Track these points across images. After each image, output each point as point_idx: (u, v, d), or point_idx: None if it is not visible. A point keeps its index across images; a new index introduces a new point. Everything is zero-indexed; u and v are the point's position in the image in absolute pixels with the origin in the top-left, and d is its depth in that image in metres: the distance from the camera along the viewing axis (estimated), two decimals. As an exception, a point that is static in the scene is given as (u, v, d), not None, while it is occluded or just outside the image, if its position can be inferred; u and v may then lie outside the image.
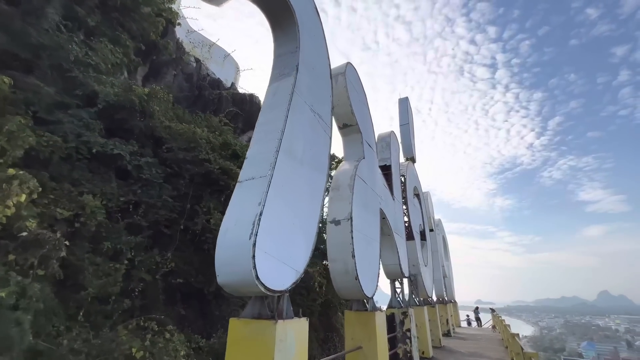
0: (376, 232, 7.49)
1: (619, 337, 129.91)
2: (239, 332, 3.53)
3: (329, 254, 5.96)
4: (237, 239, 3.39)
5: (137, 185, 7.27)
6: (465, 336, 17.28)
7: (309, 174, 4.76)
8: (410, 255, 11.94)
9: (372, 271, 6.61)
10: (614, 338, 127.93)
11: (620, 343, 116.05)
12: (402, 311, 9.09)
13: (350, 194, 6.28)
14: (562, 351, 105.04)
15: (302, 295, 13.57)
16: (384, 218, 8.67)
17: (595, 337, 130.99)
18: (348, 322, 6.36)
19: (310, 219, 4.52)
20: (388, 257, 9.15)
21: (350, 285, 5.80)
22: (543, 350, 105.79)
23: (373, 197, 7.78)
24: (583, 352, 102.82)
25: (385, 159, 10.98)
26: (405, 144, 17.05)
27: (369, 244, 6.75)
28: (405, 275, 9.39)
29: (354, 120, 7.63)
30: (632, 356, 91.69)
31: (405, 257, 9.98)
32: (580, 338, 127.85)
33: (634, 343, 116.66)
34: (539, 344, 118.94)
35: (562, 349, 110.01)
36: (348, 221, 5.96)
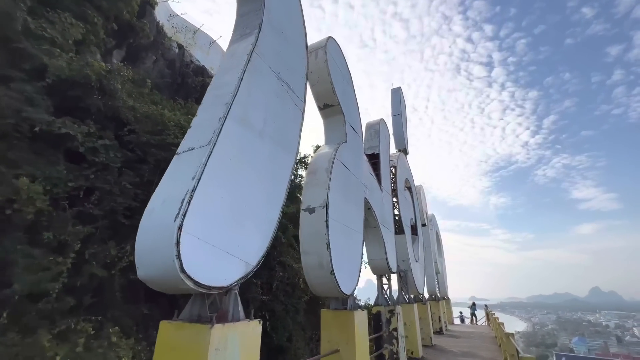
0: (359, 223, 6.80)
1: (609, 332, 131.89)
2: (168, 338, 2.82)
3: (302, 245, 5.26)
4: (161, 220, 2.66)
5: (91, 169, 6.46)
6: (457, 334, 16.78)
7: (271, 150, 4.04)
8: (399, 250, 11.29)
9: (352, 266, 5.93)
10: (604, 333, 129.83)
11: (611, 338, 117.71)
12: (388, 309, 8.45)
13: (328, 178, 5.57)
14: (554, 346, 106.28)
15: (287, 293, 12.92)
16: (369, 209, 7.98)
17: (587, 332, 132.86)
18: (324, 322, 5.69)
19: (270, 203, 3.80)
20: (374, 251, 8.48)
21: (325, 281, 5.11)
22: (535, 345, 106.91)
23: (356, 185, 7.09)
24: (574, 347, 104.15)
25: (373, 147, 10.29)
26: (397, 135, 16.38)
27: (349, 235, 6.06)
28: (392, 270, 8.74)
29: (335, 100, 6.90)
30: (621, 351, 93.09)
31: (393, 252, 9.34)
32: (572, 333, 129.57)
33: (623, 338, 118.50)
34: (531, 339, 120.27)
35: (554, 345, 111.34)
36: (323, 209, 5.25)
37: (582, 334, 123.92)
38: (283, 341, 11.90)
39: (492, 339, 14.71)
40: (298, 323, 13.29)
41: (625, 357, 70.85)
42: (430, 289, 17.79)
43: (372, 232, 8.44)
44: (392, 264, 8.81)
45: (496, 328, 12.84)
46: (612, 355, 75.68)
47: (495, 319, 13.29)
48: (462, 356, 10.57)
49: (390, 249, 8.98)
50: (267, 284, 12.73)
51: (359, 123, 8.14)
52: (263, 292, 12.37)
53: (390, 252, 8.78)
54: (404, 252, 11.31)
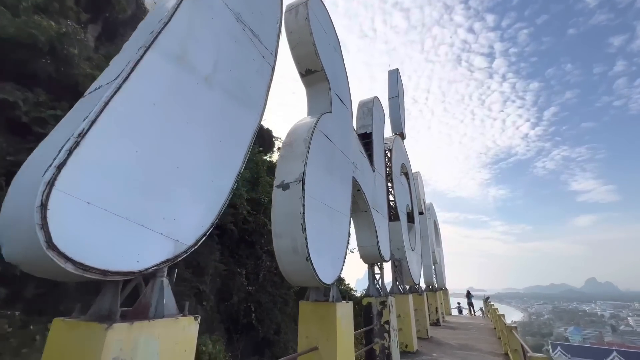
0: (345, 205, 6.01)
1: (604, 322, 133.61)
2: (58, 339, 2.05)
3: (274, 227, 4.47)
4: (30, 176, 1.86)
5: (37, 142, 5.63)
6: (455, 325, 16.25)
7: (224, 103, 3.20)
8: (394, 238, 10.56)
9: (334, 252, 5.17)
10: (599, 323, 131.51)
11: (605, 328, 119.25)
12: (380, 301, 7.75)
13: (306, 149, 4.74)
14: (549, 336, 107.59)
15: (275, 284, 12.25)
16: (359, 190, 7.19)
17: (582, 322, 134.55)
18: (302, 315, 4.95)
19: (220, 168, 2.99)
20: (364, 237, 7.73)
21: (300, 268, 4.34)
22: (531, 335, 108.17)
23: (342, 162, 6.27)
24: (569, 336, 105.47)
25: (365, 126, 9.44)
26: (394, 118, 15.50)
27: (332, 217, 5.28)
28: (385, 259, 8.01)
29: (318, 65, 6.02)
30: (616, 340, 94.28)
31: (386, 239, 8.59)
32: (567, 323, 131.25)
33: (618, 327, 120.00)
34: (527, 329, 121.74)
35: (550, 334, 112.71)
36: (299, 184, 4.45)
37: (578, 324, 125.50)
38: (270, 334, 11.31)
39: (490, 330, 14.17)
40: (287, 315, 12.67)
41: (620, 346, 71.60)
42: (427, 280, 17.20)
43: (362, 216, 7.67)
44: (385, 252, 8.08)
45: (496, 320, 12.25)
46: (606, 344, 76.41)
47: (494, 310, 12.70)
48: (460, 349, 9.96)
49: (383, 235, 8.24)
50: (253, 274, 12.04)
51: (347, 96, 7.27)
52: (249, 282, 11.71)
53: (382, 239, 8.04)
54: (399, 240, 10.58)
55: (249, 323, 10.56)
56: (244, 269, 11.25)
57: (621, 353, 53.28)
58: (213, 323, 9.59)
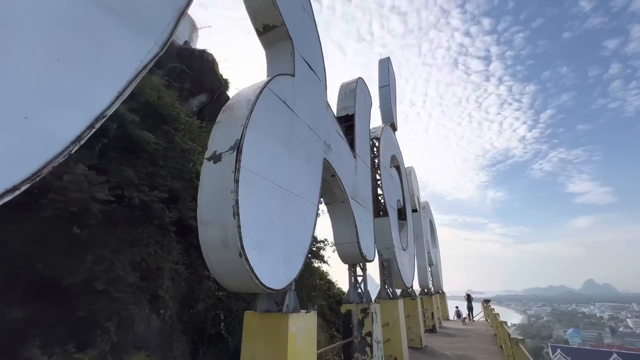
0: (311, 190, 4.83)
1: (604, 323, 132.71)
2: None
3: (199, 212, 3.28)
4: None
5: None
6: (452, 332, 15.02)
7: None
8: (382, 235, 9.39)
9: (290, 247, 3.97)
10: (598, 325, 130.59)
11: (605, 329, 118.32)
12: (361, 307, 6.54)
13: (247, 111, 3.57)
14: (549, 338, 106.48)
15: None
16: (333, 176, 6.01)
17: (581, 324, 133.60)
18: (247, 330, 3.74)
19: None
20: (342, 232, 6.54)
21: (232, 268, 3.15)
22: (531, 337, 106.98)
23: (309, 138, 5.10)
24: (569, 338, 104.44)
25: (347, 108, 8.30)
26: (385, 109, 14.40)
27: (288, 203, 4.09)
28: (367, 258, 6.82)
29: (277, 19, 4.87)
30: (615, 342, 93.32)
31: (369, 235, 7.41)
32: (567, 325, 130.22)
33: (617, 329, 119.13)
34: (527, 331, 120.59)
35: (549, 336, 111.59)
36: (232, 154, 3.27)
37: (577, 326, 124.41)
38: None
39: (491, 338, 12.96)
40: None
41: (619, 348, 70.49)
42: (422, 282, 16.00)
43: (339, 207, 6.49)
44: (367, 250, 6.89)
45: (497, 326, 11.06)
46: (606, 346, 75.37)
47: (495, 316, 11.50)
48: (457, 361, 8.76)
49: (366, 231, 7.06)
50: None
51: (320, 65, 6.12)
52: (219, 287, 10.43)
53: (364, 235, 6.85)
54: (388, 238, 9.40)
55: (217, 334, 9.27)
56: (214, 272, 9.97)
57: (621, 355, 52.32)
58: (173, 335, 8.33)
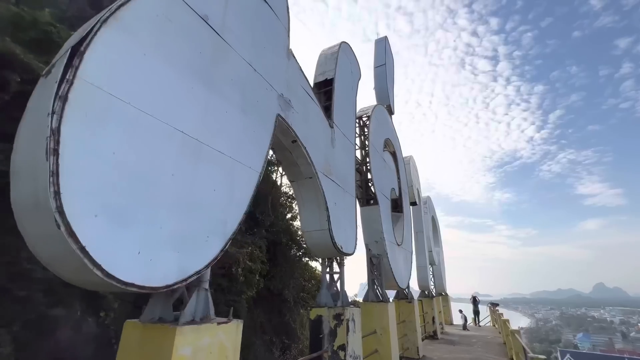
0: (250, 152, 3.46)
1: (614, 328, 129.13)
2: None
3: (13, 157, 1.96)
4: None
5: None
6: (456, 338, 13.50)
7: None
8: (370, 226, 7.98)
9: (189, 222, 2.59)
10: (609, 329, 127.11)
11: (616, 334, 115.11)
12: (334, 313, 5.14)
13: (117, 5, 2.24)
14: (558, 342, 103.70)
15: (220, 287, 9.67)
16: (294, 141, 4.64)
17: (591, 328, 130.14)
18: (123, 347, 2.41)
19: None
20: (309, 217, 5.14)
21: (52, 246, 1.82)
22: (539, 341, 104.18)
23: (252, 82, 3.73)
24: (579, 343, 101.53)
25: (326, 72, 6.92)
26: (380, 89, 13.00)
27: (198, 158, 2.72)
28: (344, 250, 5.42)
29: None
30: (627, 347, 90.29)
31: (349, 223, 6.01)
32: (576, 329, 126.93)
33: (628, 334, 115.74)
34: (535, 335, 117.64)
35: (558, 341, 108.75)
36: (64, 58, 1.94)
37: (587, 330, 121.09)
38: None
39: (499, 346, 11.43)
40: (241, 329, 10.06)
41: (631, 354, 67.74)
42: (421, 283, 14.49)
43: (306, 186, 5.10)
44: (344, 241, 5.49)
45: (507, 334, 9.54)
46: (617, 351, 72.67)
47: (505, 322, 9.98)
48: (458, 377, 7.30)
49: (343, 217, 5.66)
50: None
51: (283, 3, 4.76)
52: None
53: (340, 222, 5.46)
54: (377, 230, 7.98)
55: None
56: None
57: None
58: (115, 343, 7.04)
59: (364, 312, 7.31)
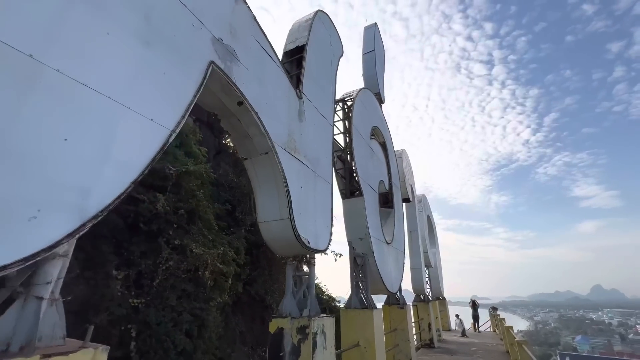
0: (150, 98, 2.44)
1: (612, 330, 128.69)
2: None
3: None
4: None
5: None
6: (454, 347, 12.40)
7: None
8: (352, 221, 6.93)
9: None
10: (607, 331, 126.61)
11: (614, 336, 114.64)
12: (298, 325, 4.06)
13: None
14: (557, 345, 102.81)
15: (184, 294, 8.52)
16: (241, 103, 3.60)
17: (589, 330, 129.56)
18: None
19: None
20: (266, 204, 4.08)
21: None
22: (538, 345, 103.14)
23: (167, 7, 2.73)
24: (578, 346, 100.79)
25: (298, 40, 5.92)
26: (369, 76, 12.08)
27: (31, 88, 1.72)
28: (311, 247, 4.35)
29: None
30: (625, 349, 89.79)
31: (321, 214, 4.94)
32: (575, 332, 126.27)
33: (627, 336, 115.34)
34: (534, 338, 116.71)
35: (557, 343, 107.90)
36: None
37: (585, 333, 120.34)
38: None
39: (503, 355, 10.35)
40: (205, 340, 8.92)
41: (630, 356, 67.12)
42: (416, 287, 13.40)
43: (261, 164, 4.05)
44: (313, 234, 4.42)
45: (511, 344, 8.46)
46: (616, 353, 72.04)
47: (508, 329, 8.90)
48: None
49: (313, 205, 4.61)
50: (148, 279, 8.30)
51: None
52: (136, 292, 7.93)
53: (307, 211, 4.40)
54: (361, 225, 6.92)
55: (125, 356, 6.80)
56: (133, 270, 7.55)
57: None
58: None
59: (346, 322, 6.22)
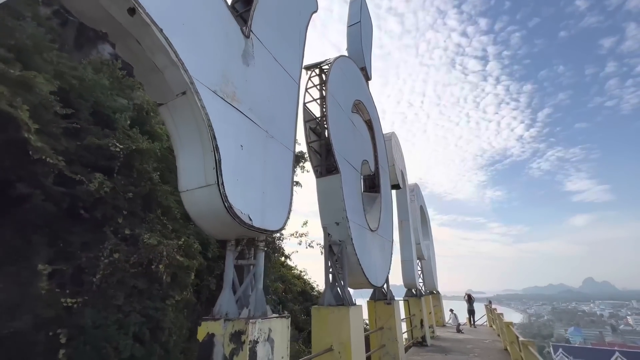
0: None
1: (604, 322, 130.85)
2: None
3: None
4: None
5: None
6: (448, 345, 11.46)
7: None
8: (327, 204, 5.84)
9: None
10: (599, 323, 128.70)
11: (605, 327, 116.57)
12: (232, 330, 2.98)
13: None
14: (550, 337, 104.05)
15: (135, 290, 7.37)
16: (132, 12, 2.47)
17: (582, 322, 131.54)
18: None
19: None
20: (188, 165, 2.95)
21: None
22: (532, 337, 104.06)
23: None
24: (570, 337, 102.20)
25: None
26: (354, 50, 10.96)
27: None
28: (255, 225, 3.26)
29: None
30: (616, 340, 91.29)
31: (274, 186, 3.81)
32: (567, 324, 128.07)
33: (618, 327, 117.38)
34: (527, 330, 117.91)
35: (550, 335, 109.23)
36: None
37: (578, 324, 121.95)
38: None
39: (501, 353, 9.43)
40: (165, 344, 7.80)
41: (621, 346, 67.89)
42: (407, 280, 12.40)
43: (180, 110, 2.91)
44: (258, 208, 3.32)
45: (511, 342, 7.50)
46: (607, 344, 73.03)
47: (508, 326, 7.92)
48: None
49: (259, 172, 3.49)
50: (89, 274, 7.04)
51: None
52: (73, 290, 6.66)
53: (249, 177, 3.28)
54: (337, 207, 5.83)
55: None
56: (72, 264, 6.37)
57: (623, 354, 49.83)
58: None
59: (317, 322, 5.15)
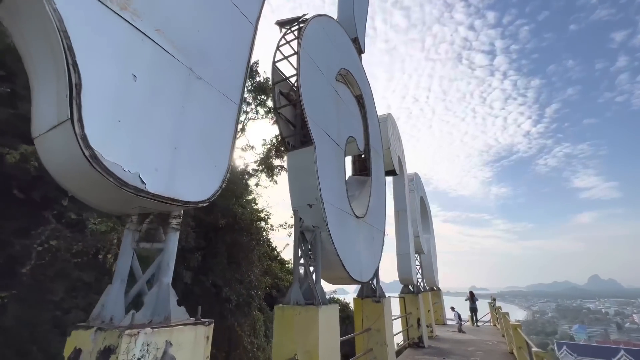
0: None
1: (609, 319, 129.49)
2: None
3: None
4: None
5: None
6: (447, 346, 10.46)
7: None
8: (298, 182, 4.81)
9: None
10: (604, 321, 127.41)
11: (610, 325, 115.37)
12: (102, 345, 2.00)
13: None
14: (554, 334, 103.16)
15: (80, 284, 6.37)
16: None
17: (586, 320, 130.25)
18: None
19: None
20: (40, 98, 1.94)
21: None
22: (536, 334, 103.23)
23: None
24: (575, 335, 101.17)
25: None
26: (345, 18, 9.79)
27: None
28: (154, 193, 2.25)
29: None
30: (622, 338, 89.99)
31: (205, 143, 2.76)
32: (572, 321, 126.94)
33: (623, 325, 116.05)
34: (531, 327, 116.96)
35: (554, 332, 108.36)
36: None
37: (582, 322, 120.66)
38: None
39: (505, 356, 8.41)
40: None
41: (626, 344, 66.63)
42: (403, 276, 11.38)
43: (20, 15, 1.92)
44: (148, 168, 2.31)
45: (519, 347, 6.46)
46: (613, 342, 72.00)
47: (516, 329, 6.87)
48: None
49: (165, 118, 2.47)
50: (21, 261, 5.91)
51: None
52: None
53: (142, 122, 2.27)
54: (310, 186, 4.80)
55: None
56: (1, 252, 5.41)
57: (629, 352, 48.70)
58: None
59: (280, 324, 4.14)
